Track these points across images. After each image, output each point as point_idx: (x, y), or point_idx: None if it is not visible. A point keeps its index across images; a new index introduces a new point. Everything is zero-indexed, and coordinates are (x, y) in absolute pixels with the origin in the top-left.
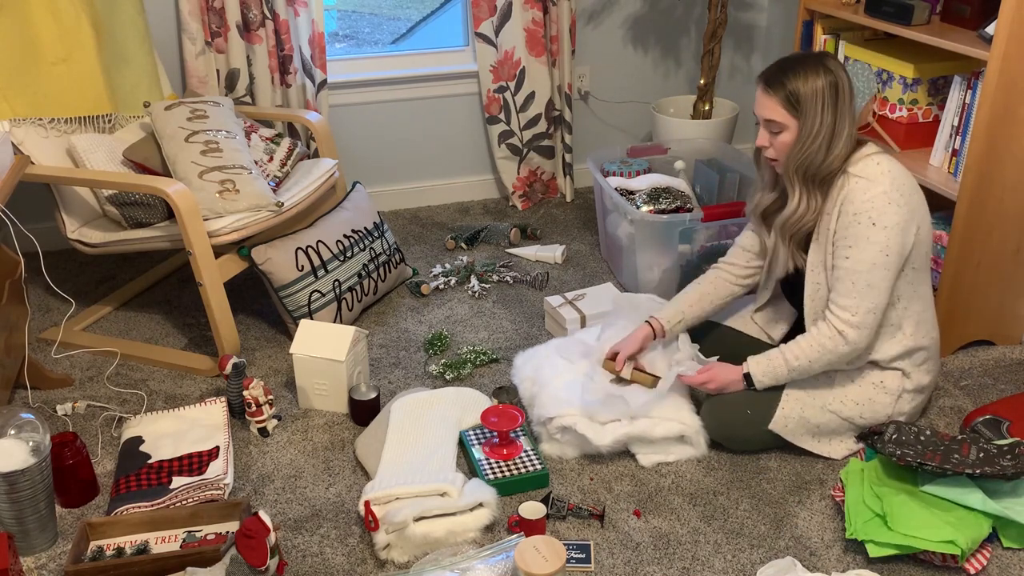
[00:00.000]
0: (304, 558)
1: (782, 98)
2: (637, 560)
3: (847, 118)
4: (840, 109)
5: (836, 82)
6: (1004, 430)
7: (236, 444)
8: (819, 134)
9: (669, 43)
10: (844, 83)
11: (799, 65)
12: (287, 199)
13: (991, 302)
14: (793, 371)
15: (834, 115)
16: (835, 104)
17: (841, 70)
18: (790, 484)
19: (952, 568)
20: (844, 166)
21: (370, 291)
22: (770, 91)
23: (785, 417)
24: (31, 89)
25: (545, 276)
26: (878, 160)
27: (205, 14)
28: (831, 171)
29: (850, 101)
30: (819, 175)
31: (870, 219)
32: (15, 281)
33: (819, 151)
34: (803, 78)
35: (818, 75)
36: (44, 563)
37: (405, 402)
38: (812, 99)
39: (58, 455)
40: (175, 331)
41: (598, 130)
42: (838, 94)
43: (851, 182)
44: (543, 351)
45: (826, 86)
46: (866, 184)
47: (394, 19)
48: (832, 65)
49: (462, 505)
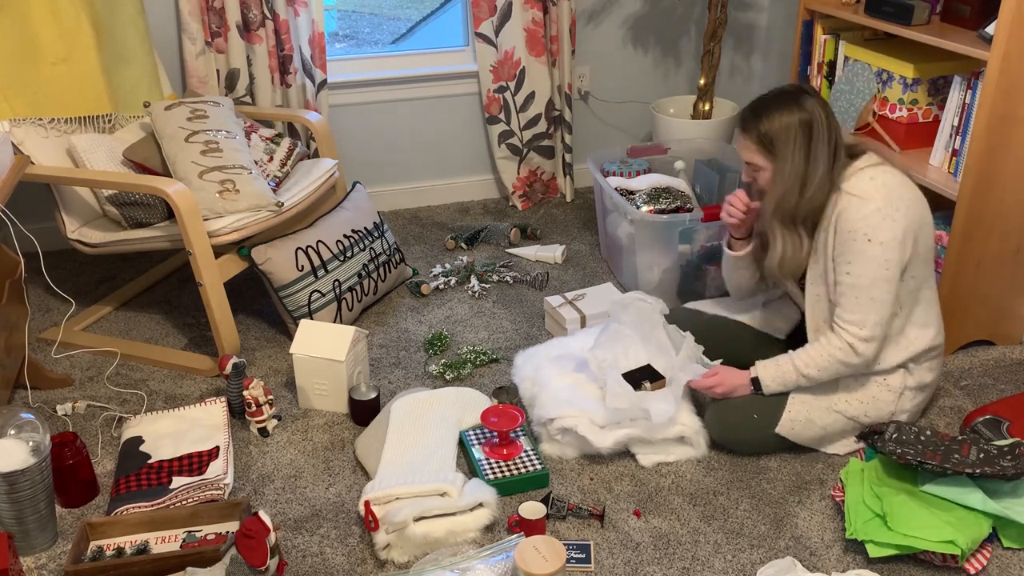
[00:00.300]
0: (304, 558)
1: (755, 140)
2: (637, 560)
3: (821, 157)
4: (813, 148)
5: (809, 121)
6: (1004, 430)
7: (236, 444)
8: (791, 174)
9: (669, 43)
10: (819, 121)
11: (773, 105)
12: (287, 199)
13: (991, 302)
14: (803, 379)
15: (806, 155)
16: (808, 143)
17: (818, 108)
18: (790, 484)
19: (952, 568)
20: (838, 181)
21: (370, 291)
22: (745, 132)
23: (792, 420)
24: (31, 89)
25: (545, 276)
26: (871, 175)
27: (205, 14)
28: (811, 209)
29: (824, 139)
30: (798, 215)
31: (865, 236)
32: (15, 281)
33: (792, 192)
34: (776, 118)
35: (791, 113)
36: (44, 563)
37: (405, 402)
38: (783, 138)
39: (58, 455)
40: (175, 331)
41: (598, 130)
42: (812, 133)
43: (843, 200)
44: (543, 351)
45: (798, 125)
46: (859, 202)
47: (394, 19)
48: (808, 104)
49: (462, 505)
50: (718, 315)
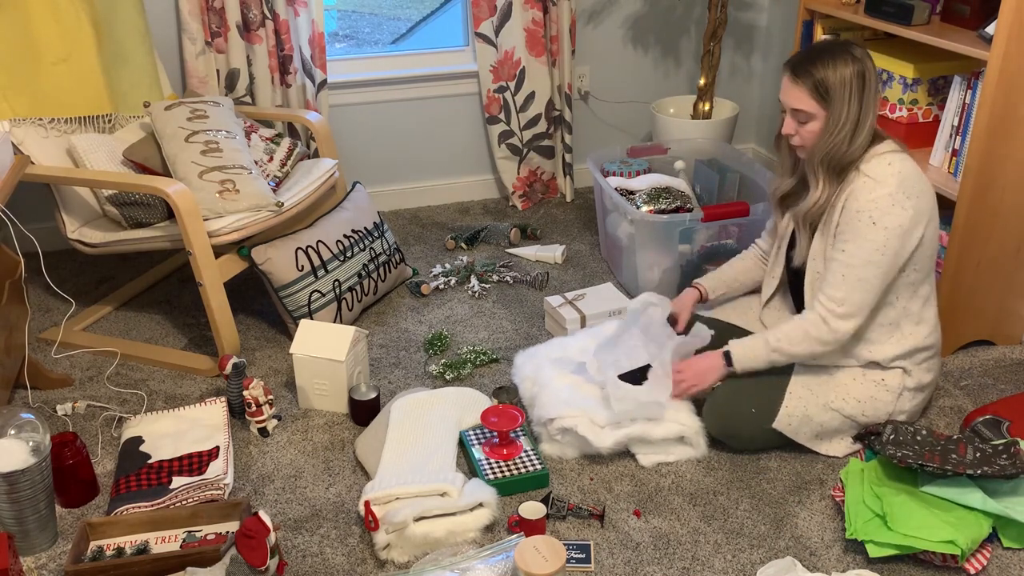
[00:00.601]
0: (304, 558)
1: (810, 87)
2: (637, 560)
3: (872, 107)
4: (866, 98)
5: (863, 71)
6: (1004, 430)
7: (236, 444)
8: (846, 123)
9: (669, 43)
10: (871, 72)
11: (827, 54)
12: (287, 199)
13: (991, 302)
14: (774, 352)
15: (860, 104)
16: (861, 93)
17: (868, 59)
18: (790, 484)
19: (952, 568)
20: (858, 161)
21: (370, 291)
22: (798, 80)
23: (789, 416)
24: (31, 89)
25: (545, 276)
26: (890, 160)
27: (205, 14)
28: (852, 160)
29: (875, 90)
30: (842, 163)
31: (871, 218)
32: (15, 281)
33: (844, 141)
34: (831, 67)
35: (847, 64)
36: (44, 563)
37: (405, 402)
38: (840, 88)
39: (58, 455)
40: (175, 331)
41: (598, 130)
42: (865, 83)
43: (859, 179)
44: (543, 351)
45: (854, 75)
46: (873, 184)
47: (394, 19)
48: (859, 53)
49: (462, 505)
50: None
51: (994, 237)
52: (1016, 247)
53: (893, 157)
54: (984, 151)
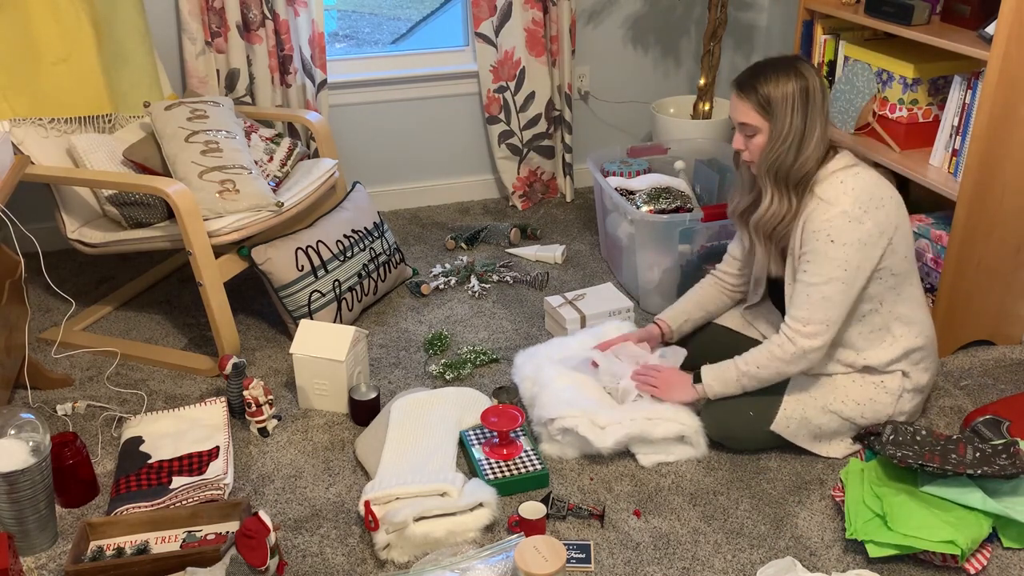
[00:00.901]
0: (304, 558)
1: (754, 102)
2: (637, 560)
3: (818, 121)
4: (810, 113)
5: (807, 87)
6: (1004, 430)
7: (236, 444)
8: (788, 137)
9: (669, 43)
10: (815, 87)
11: (771, 69)
12: (287, 199)
13: (991, 302)
14: (743, 376)
15: (804, 119)
16: (805, 108)
17: (814, 75)
18: (790, 484)
19: (952, 568)
20: (811, 183)
21: (370, 291)
22: (743, 95)
23: (787, 418)
24: (31, 89)
25: (545, 276)
26: (842, 178)
27: (205, 14)
28: (804, 173)
29: (821, 105)
30: (791, 177)
31: (828, 236)
32: (15, 281)
33: (789, 153)
34: (774, 82)
35: (789, 79)
36: (44, 563)
37: (405, 402)
38: (782, 103)
39: (58, 455)
40: (175, 331)
41: (598, 130)
42: (808, 98)
43: (813, 202)
44: (543, 351)
45: (796, 90)
46: (825, 206)
47: (394, 19)
48: (804, 69)
49: (462, 505)
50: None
51: (994, 237)
52: (1016, 247)
53: (844, 175)
54: (984, 151)
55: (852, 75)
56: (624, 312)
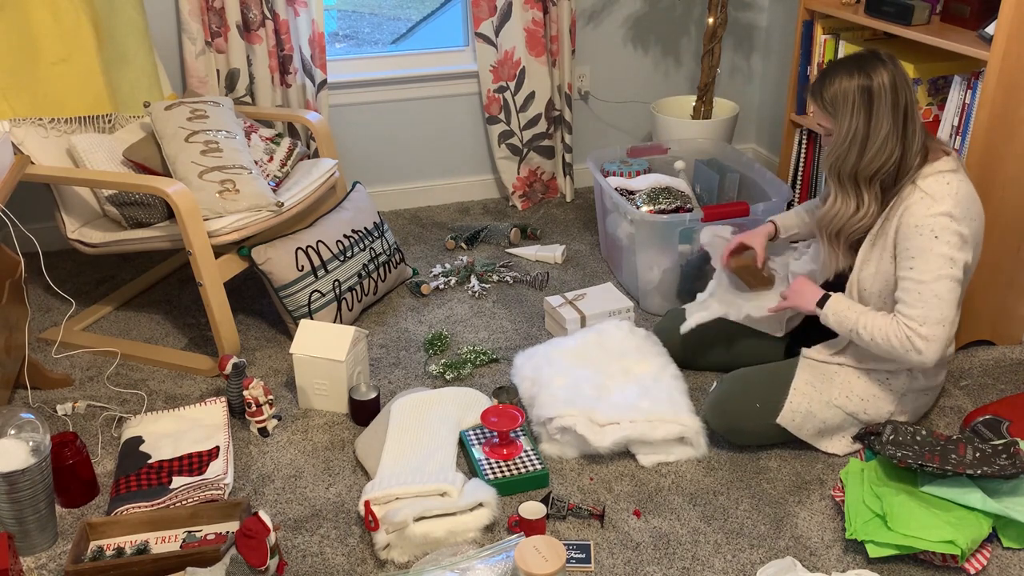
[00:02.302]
0: (304, 558)
1: (819, 103)
2: (637, 560)
3: (886, 120)
4: (875, 113)
5: (869, 86)
6: (1004, 430)
7: (236, 444)
8: (849, 136)
9: (669, 43)
10: (882, 85)
11: (836, 69)
12: (287, 199)
13: (991, 302)
14: (855, 334)
15: (867, 119)
16: (867, 107)
17: (884, 72)
18: (790, 484)
19: (952, 568)
20: (915, 176)
21: (370, 291)
22: (812, 98)
23: (793, 411)
24: (31, 89)
25: (545, 276)
26: (948, 179)
27: (205, 14)
28: (877, 171)
29: (892, 103)
30: (860, 175)
31: (932, 232)
32: (15, 281)
33: (851, 153)
34: (836, 81)
35: (851, 78)
36: (44, 563)
37: (405, 402)
38: (842, 102)
39: (58, 455)
40: (175, 331)
41: (598, 130)
42: (872, 98)
43: (915, 195)
44: (543, 351)
45: (856, 89)
46: (930, 202)
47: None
48: (871, 67)
49: (462, 505)
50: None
51: (994, 237)
52: (1016, 247)
53: (952, 177)
54: (984, 151)
55: None
56: (624, 312)
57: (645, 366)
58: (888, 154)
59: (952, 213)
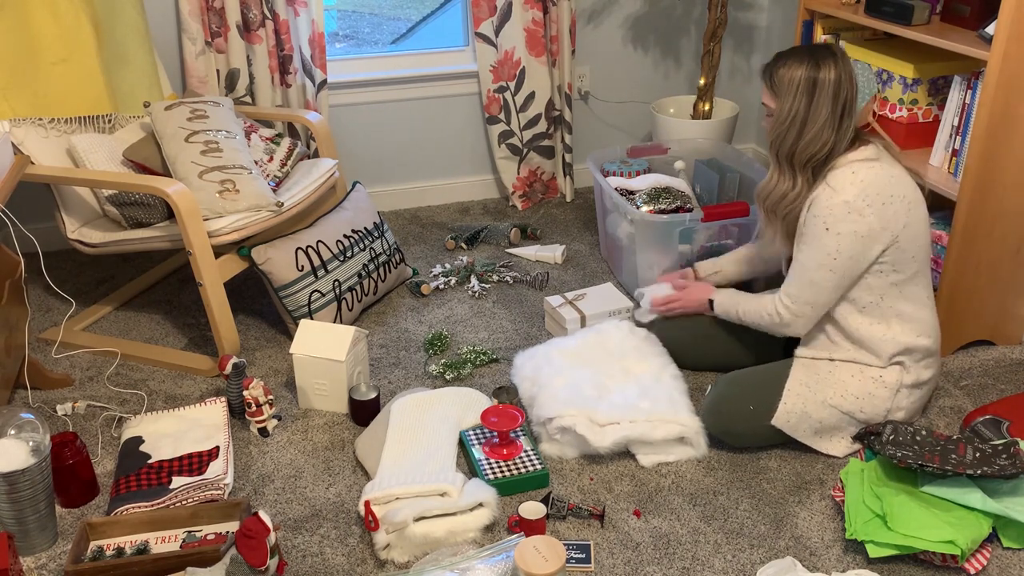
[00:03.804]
0: (304, 558)
1: (767, 83)
2: (637, 560)
3: (824, 110)
4: (816, 103)
5: (815, 76)
6: (1004, 430)
7: (236, 444)
8: (788, 119)
9: (669, 43)
10: (827, 79)
11: (789, 55)
12: (287, 199)
13: (991, 302)
14: (739, 320)
15: (807, 106)
16: (811, 97)
17: (833, 67)
18: (790, 484)
19: (952, 568)
20: (832, 166)
21: (370, 291)
22: (763, 76)
23: (788, 412)
24: (31, 89)
25: (545, 276)
26: (855, 169)
27: (205, 14)
28: (809, 156)
29: (833, 96)
30: (797, 158)
31: (824, 223)
32: (15, 281)
33: (789, 135)
34: (786, 67)
35: (801, 66)
36: (44, 563)
37: (405, 402)
38: (788, 86)
39: (58, 455)
40: (175, 331)
41: (598, 130)
42: (816, 88)
43: (820, 187)
44: (543, 351)
45: (803, 77)
46: (831, 193)
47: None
48: (823, 60)
49: (462, 505)
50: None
51: (994, 237)
52: (1016, 247)
53: (860, 166)
54: (984, 151)
55: None
56: (624, 312)
57: (645, 366)
58: (822, 143)
59: (850, 202)
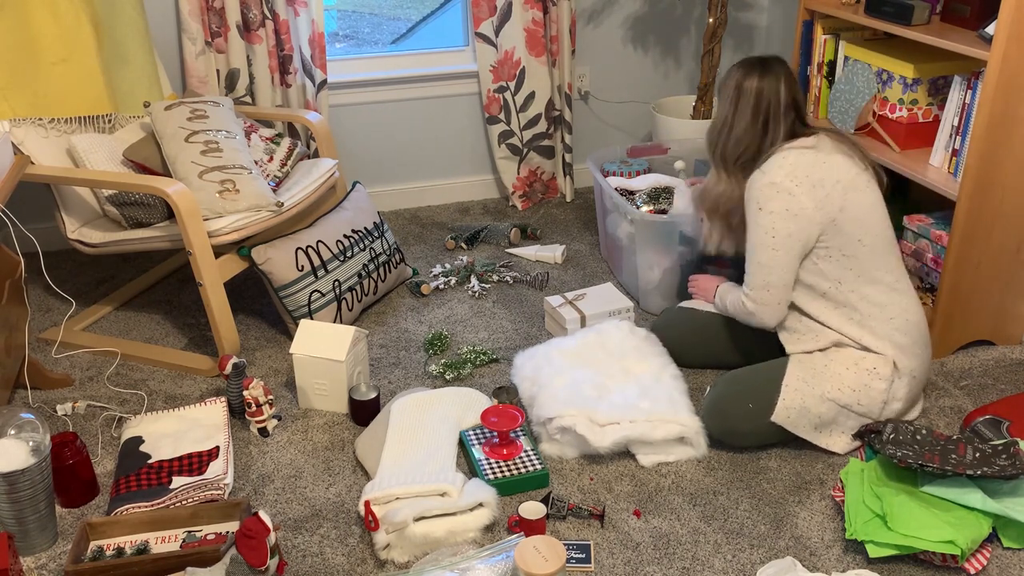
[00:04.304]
0: (304, 558)
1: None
2: (637, 560)
3: (745, 117)
4: (739, 108)
5: (741, 85)
6: (1004, 430)
7: (236, 444)
8: (720, 120)
9: (669, 43)
10: (752, 88)
11: (741, 63)
12: (287, 199)
13: (991, 302)
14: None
15: (733, 111)
16: (735, 103)
17: (756, 79)
18: (790, 484)
19: (952, 568)
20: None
21: (370, 291)
22: None
23: (787, 408)
24: (31, 89)
25: (545, 276)
26: (786, 154)
27: (205, 14)
28: (737, 157)
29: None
30: (728, 158)
31: (757, 204)
32: (15, 281)
33: (720, 135)
34: (730, 73)
35: (733, 74)
36: (44, 563)
37: (405, 402)
38: (723, 91)
39: (58, 455)
40: (175, 331)
41: (598, 130)
42: (740, 95)
43: (753, 172)
44: (543, 351)
45: (732, 85)
46: (759, 175)
47: (394, 19)
48: (755, 72)
49: (462, 505)
50: (712, 312)
51: (994, 237)
52: (1016, 247)
53: (791, 152)
54: (984, 151)
55: (852, 75)
56: (624, 312)
57: (645, 366)
58: (744, 146)
59: (777, 183)
